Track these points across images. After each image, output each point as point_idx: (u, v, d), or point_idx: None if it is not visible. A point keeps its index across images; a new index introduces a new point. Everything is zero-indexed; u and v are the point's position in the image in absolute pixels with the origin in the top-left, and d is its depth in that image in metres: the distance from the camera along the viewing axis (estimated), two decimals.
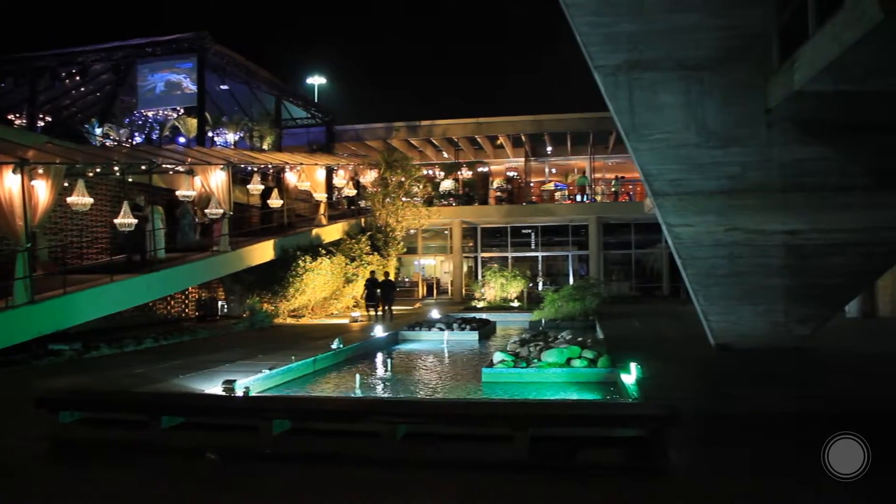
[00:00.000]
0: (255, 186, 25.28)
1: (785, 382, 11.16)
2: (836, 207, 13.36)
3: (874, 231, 13.45)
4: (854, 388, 10.72)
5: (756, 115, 13.22)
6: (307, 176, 28.34)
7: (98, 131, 29.65)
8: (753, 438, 7.70)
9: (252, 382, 11.37)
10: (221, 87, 32.64)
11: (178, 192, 21.49)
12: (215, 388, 10.72)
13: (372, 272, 26.36)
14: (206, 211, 21.99)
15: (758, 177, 13.42)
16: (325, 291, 26.35)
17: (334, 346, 15.39)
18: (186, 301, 25.27)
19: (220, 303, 26.74)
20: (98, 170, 18.41)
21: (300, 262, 24.44)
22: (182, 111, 30.47)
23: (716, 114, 13.34)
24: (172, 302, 24.31)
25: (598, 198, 38.61)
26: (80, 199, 17.19)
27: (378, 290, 24.99)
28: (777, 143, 13.25)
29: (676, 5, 13.14)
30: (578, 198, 39.44)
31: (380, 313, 24.95)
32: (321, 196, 29.35)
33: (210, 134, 30.92)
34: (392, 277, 26.74)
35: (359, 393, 12.17)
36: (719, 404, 9.46)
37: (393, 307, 25.70)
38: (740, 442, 7.55)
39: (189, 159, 21.42)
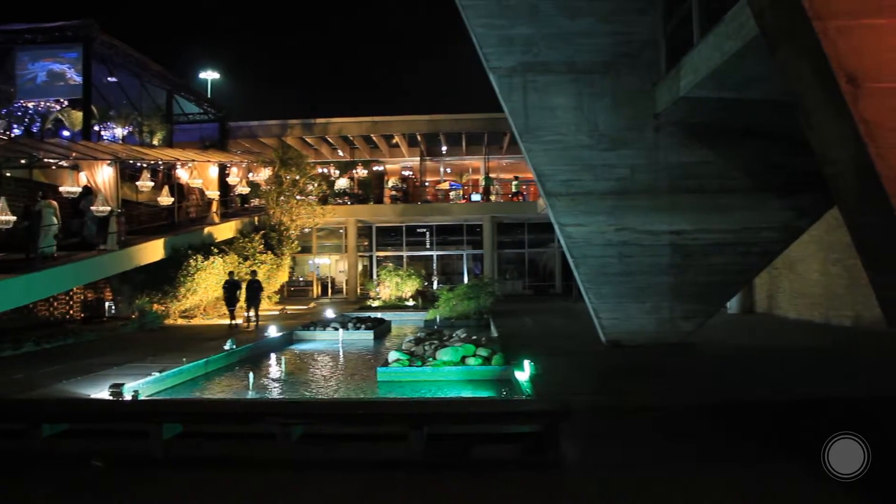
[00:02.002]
0: (145, 183, 24.42)
1: (672, 376, 11.56)
2: (718, 209, 13.97)
3: (753, 231, 14.13)
4: (735, 379, 11.22)
5: (645, 118, 13.69)
6: (199, 173, 27.60)
7: None
8: (643, 431, 7.96)
9: (141, 386, 11.02)
10: (109, 79, 31.26)
11: (61, 189, 20.56)
12: (102, 392, 10.34)
13: (230, 272, 23.47)
14: (92, 208, 21.12)
15: (646, 178, 13.88)
16: (217, 291, 25.71)
17: (227, 346, 15.08)
18: (71, 302, 24.19)
19: (107, 304, 25.69)
20: None
21: (192, 261, 23.76)
22: (66, 103, 29.10)
23: (606, 117, 13.74)
24: (56, 303, 23.20)
25: (493, 198, 39.06)
26: None
27: (238, 293, 22.22)
28: (664, 147, 13.75)
29: (570, 10, 13.48)
30: (474, 197, 39.83)
31: (239, 321, 22.09)
32: (214, 194, 28.64)
33: (97, 128, 29.57)
34: (259, 277, 23.89)
35: (253, 394, 11.96)
36: (610, 399, 9.72)
37: (260, 311, 23.04)
38: (630, 435, 7.78)
39: (74, 154, 20.53)
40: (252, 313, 22.45)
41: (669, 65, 13.10)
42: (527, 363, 11.23)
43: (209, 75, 40.98)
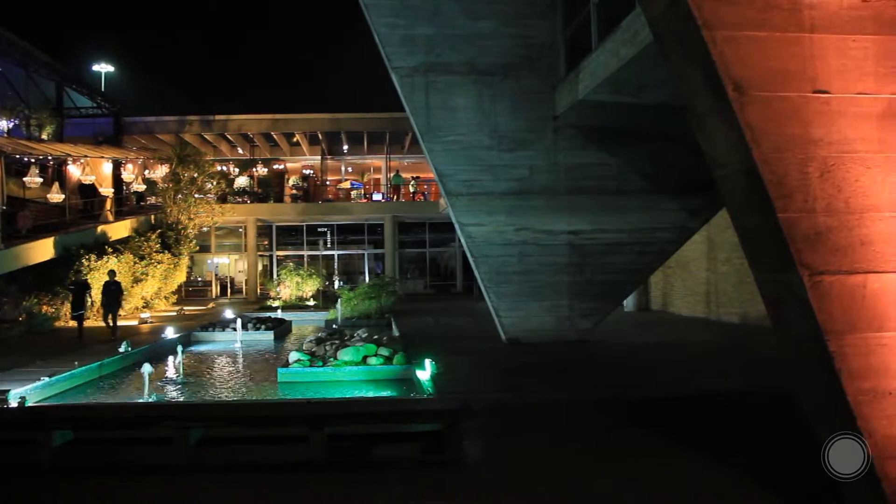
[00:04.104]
0: (33, 179, 23.38)
1: (570, 373, 11.81)
2: (615, 210, 14.36)
3: (648, 232, 14.59)
4: (632, 375, 11.55)
5: (544, 120, 13.94)
6: (92, 169, 26.60)
7: None
8: (542, 427, 8.11)
9: (29, 391, 10.51)
10: None
11: None
12: None
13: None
14: None
15: (545, 179, 14.13)
16: None
17: (122, 349, 14.56)
18: None
19: None
20: None
21: (84, 260, 22.88)
22: None
23: (507, 118, 13.92)
24: None
25: (394, 197, 39.04)
26: None
27: (88, 296, 19.58)
28: (563, 148, 14.04)
29: (471, 12, 13.62)
30: (376, 196, 39.73)
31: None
32: (107, 191, 27.68)
33: None
34: (118, 278, 20.60)
35: (149, 398, 11.60)
36: (510, 397, 9.85)
37: (118, 319, 19.40)
38: (530, 431, 7.91)
39: None
40: (111, 320, 18.77)
41: (569, 69, 13.38)
42: (428, 362, 11.27)
43: (103, 68, 39.45)
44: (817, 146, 4.49)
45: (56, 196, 24.57)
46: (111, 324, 18.71)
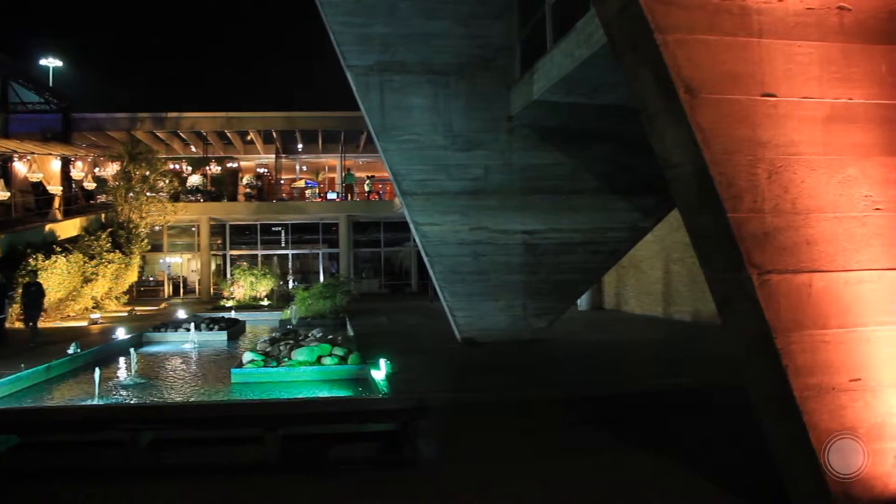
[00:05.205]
0: None
1: (525, 372, 11.88)
2: (569, 209, 14.49)
3: (602, 231, 14.76)
4: (585, 374, 11.67)
5: (499, 120, 14.00)
6: (40, 166, 26.02)
7: None
8: (497, 425, 8.16)
9: None
10: None
11: None
12: None
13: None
14: None
15: (500, 179, 14.20)
16: (60, 292, 24.23)
17: (71, 350, 14.29)
18: None
19: None
20: None
21: (31, 260, 22.37)
22: None
23: (461, 118, 13.96)
24: None
25: (348, 196, 38.87)
26: None
27: (6, 298, 17.98)
28: (517, 148, 14.12)
29: (427, 12, 13.62)
30: (330, 195, 39.52)
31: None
32: (56, 189, 27.11)
33: None
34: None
35: (99, 400, 11.41)
36: (465, 396, 9.88)
37: (39, 321, 18.11)
38: (485, 430, 7.95)
39: None
40: (32, 324, 17.60)
41: (524, 69, 13.46)
42: (383, 362, 11.27)
43: (51, 63, 38.59)
44: (765, 148, 4.59)
45: (2, 194, 24.00)
46: (31, 326, 17.65)
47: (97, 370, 11.13)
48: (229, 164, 41.40)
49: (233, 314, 24.09)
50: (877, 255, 4.64)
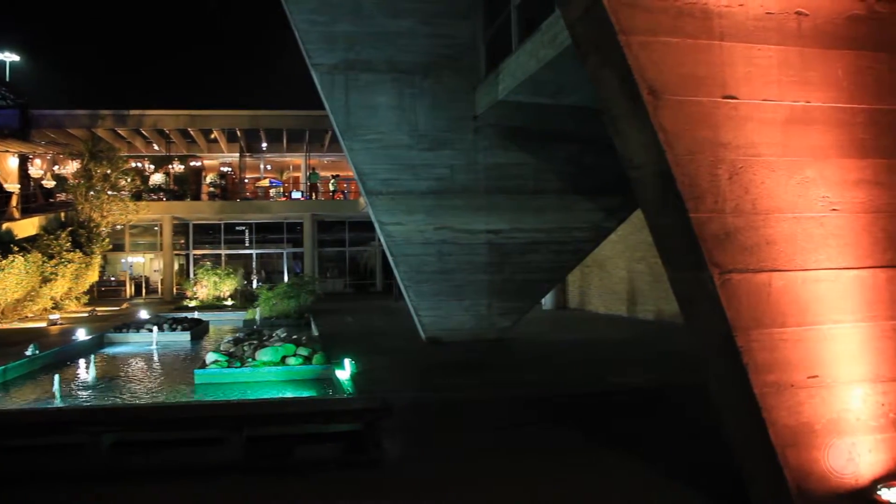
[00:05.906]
0: None
1: (490, 371, 11.92)
2: (533, 209, 14.57)
3: (566, 231, 14.86)
4: (549, 373, 11.75)
5: (464, 120, 14.04)
6: None
7: None
8: (461, 425, 8.18)
9: None
10: None
11: None
12: None
13: None
14: None
15: (465, 179, 14.24)
16: (18, 293, 23.82)
17: (29, 352, 14.06)
18: None
19: None
20: None
21: None
22: None
23: (427, 117, 13.97)
24: None
25: (312, 195, 38.68)
26: None
27: None
28: (482, 148, 14.17)
29: (392, 10, 13.62)
30: (295, 195, 39.32)
31: None
32: (13, 187, 26.67)
33: None
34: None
35: (59, 403, 11.25)
36: (430, 395, 9.89)
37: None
38: (449, 429, 7.97)
39: None
40: None
41: (489, 69, 13.52)
42: (347, 362, 11.26)
43: (7, 57, 37.88)
44: (726, 149, 4.66)
45: None
46: None
47: (56, 373, 10.95)
48: (192, 163, 41.04)
49: (196, 314, 23.89)
50: (833, 255, 4.73)
